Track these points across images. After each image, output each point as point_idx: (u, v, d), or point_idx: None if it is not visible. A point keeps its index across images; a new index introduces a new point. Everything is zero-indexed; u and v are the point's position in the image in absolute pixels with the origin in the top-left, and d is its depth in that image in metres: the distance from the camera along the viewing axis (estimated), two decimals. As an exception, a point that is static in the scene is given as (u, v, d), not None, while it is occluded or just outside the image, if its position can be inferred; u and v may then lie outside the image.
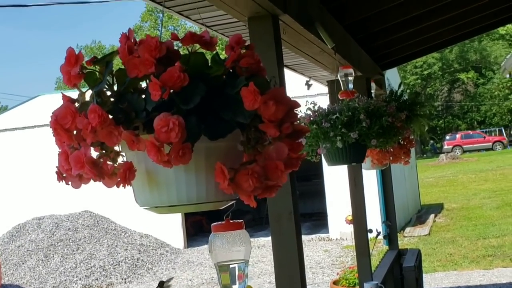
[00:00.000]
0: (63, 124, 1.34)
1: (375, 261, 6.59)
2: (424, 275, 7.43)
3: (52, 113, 1.39)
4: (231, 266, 1.65)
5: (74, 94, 1.48)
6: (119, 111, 1.32)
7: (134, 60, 1.34)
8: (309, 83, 3.78)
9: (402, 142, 4.30)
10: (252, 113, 1.33)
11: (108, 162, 1.38)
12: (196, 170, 1.35)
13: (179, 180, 1.36)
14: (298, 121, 1.44)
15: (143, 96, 1.34)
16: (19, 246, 14.28)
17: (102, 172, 1.35)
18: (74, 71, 1.38)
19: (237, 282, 1.66)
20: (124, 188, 1.36)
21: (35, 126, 15.48)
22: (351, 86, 3.89)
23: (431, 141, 51.22)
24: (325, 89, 6.09)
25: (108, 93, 1.38)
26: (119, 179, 1.34)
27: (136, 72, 1.33)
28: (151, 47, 1.33)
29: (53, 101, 1.39)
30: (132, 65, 1.34)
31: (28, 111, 16.76)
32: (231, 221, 1.65)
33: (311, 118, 3.43)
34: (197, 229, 16.34)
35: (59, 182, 1.45)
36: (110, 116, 1.31)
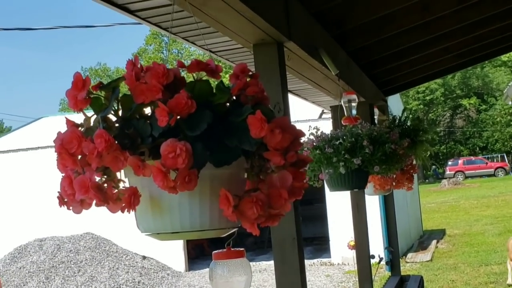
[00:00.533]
0: (69, 148, 1.34)
1: (377, 287, 6.57)
2: (426, 302, 7.38)
3: (56, 137, 1.39)
4: None
5: (77, 117, 1.49)
6: (124, 136, 1.33)
7: (141, 86, 1.35)
8: (324, 112, 3.81)
9: (405, 168, 4.30)
10: (258, 141, 1.34)
11: (113, 188, 1.38)
12: (200, 196, 1.36)
13: (183, 207, 1.36)
14: (301, 148, 1.46)
15: (149, 122, 1.35)
16: (20, 268, 14.24)
17: (106, 197, 1.35)
18: (81, 96, 1.38)
19: None
20: (129, 213, 1.36)
21: (38, 148, 15.52)
22: (354, 112, 3.91)
23: (433, 167, 51.14)
24: (328, 113, 6.13)
25: (113, 118, 1.39)
26: (123, 205, 1.34)
27: (142, 98, 1.34)
28: (158, 74, 1.34)
29: (57, 123, 1.40)
30: (139, 91, 1.35)
31: (32, 133, 16.85)
32: (232, 249, 1.64)
33: (314, 143, 3.45)
34: (198, 252, 16.29)
35: (60, 207, 1.44)
36: (116, 142, 1.32)
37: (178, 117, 1.31)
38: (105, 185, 1.37)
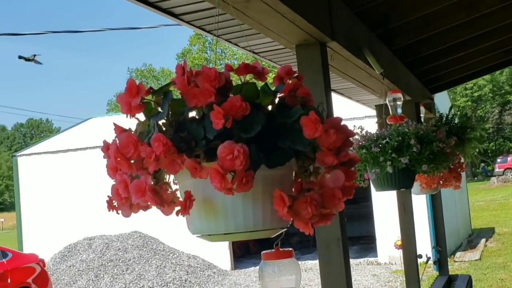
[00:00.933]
0: (125, 153, 1.37)
1: (424, 286, 6.50)
2: (475, 302, 7.27)
3: (104, 144, 1.42)
4: None
5: (123, 119, 1.50)
6: (180, 139, 1.35)
7: (194, 90, 1.37)
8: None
9: (452, 167, 4.24)
10: (311, 141, 1.36)
11: (170, 190, 1.41)
12: (253, 197, 1.37)
13: (236, 208, 1.38)
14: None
15: (201, 125, 1.37)
16: (70, 266, 14.52)
17: (162, 200, 1.37)
18: (135, 102, 1.40)
19: None
20: (183, 216, 1.38)
21: (87, 148, 15.80)
22: (399, 110, 3.87)
23: (482, 164, 50.22)
24: (372, 111, 6.08)
25: (167, 122, 1.41)
26: (178, 208, 1.36)
27: (195, 101, 1.36)
28: (211, 78, 1.36)
29: (105, 123, 1.41)
30: (192, 95, 1.37)
31: (81, 133, 17.14)
32: (280, 249, 1.66)
33: (360, 143, 3.42)
34: (244, 251, 16.35)
35: (109, 211, 1.48)
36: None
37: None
38: (161, 188, 1.39)
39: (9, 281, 10.90)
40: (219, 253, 15.15)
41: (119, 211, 1.46)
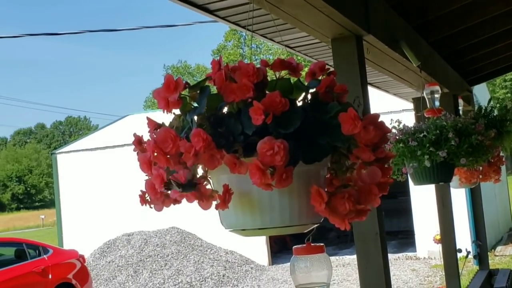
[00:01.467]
0: (163, 147, 1.37)
1: (464, 281, 6.42)
2: (516, 297, 7.16)
3: (135, 136, 1.44)
4: None
5: (155, 115, 1.51)
6: (219, 135, 1.35)
7: (232, 86, 1.37)
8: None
9: (491, 160, 4.18)
10: (349, 137, 1.35)
11: (207, 186, 1.42)
12: (289, 193, 1.37)
13: (272, 203, 1.38)
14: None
15: (239, 120, 1.37)
16: (109, 262, 14.71)
17: (201, 194, 1.39)
18: (173, 97, 1.41)
19: None
20: (222, 210, 1.38)
21: (124, 145, 15.95)
22: (437, 103, 3.82)
23: (523, 157, 49.31)
24: (410, 104, 6.02)
25: (204, 117, 1.41)
26: (218, 202, 1.37)
27: (233, 97, 1.36)
28: (249, 73, 1.36)
29: (142, 120, 1.44)
30: (230, 90, 1.37)
31: (118, 130, 17.34)
32: (312, 244, 1.66)
33: (397, 137, 3.39)
34: (281, 246, 16.35)
35: (142, 205, 1.49)
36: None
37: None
38: (199, 183, 1.40)
39: (50, 276, 11.10)
40: (257, 249, 15.18)
41: (152, 205, 1.47)
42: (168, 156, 1.39)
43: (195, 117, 1.40)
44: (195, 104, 1.45)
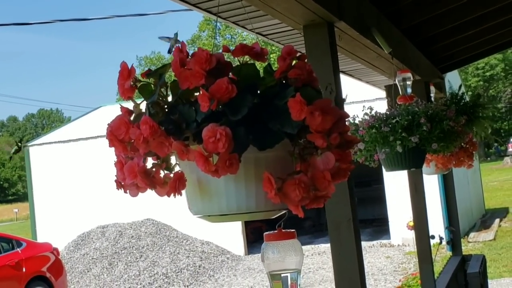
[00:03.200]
0: (118, 135, 1.39)
1: (438, 267, 6.48)
2: (489, 281, 7.26)
3: (107, 124, 1.43)
4: (283, 275, 1.65)
5: (130, 105, 1.52)
6: (170, 122, 1.36)
7: (186, 73, 1.37)
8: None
9: (465, 146, 4.22)
10: (299, 123, 1.34)
11: (163, 172, 1.42)
12: (246, 180, 1.37)
13: (228, 189, 1.38)
14: (350, 131, 1.44)
15: (193, 107, 1.37)
16: (84, 254, 14.63)
17: (153, 181, 1.39)
18: (127, 84, 1.43)
19: None
20: (175, 197, 1.40)
21: (97, 137, 15.84)
22: (409, 90, 3.84)
23: (495, 144, 49.95)
24: (383, 93, 6.04)
25: (162, 104, 1.41)
26: (169, 189, 1.37)
27: (187, 84, 1.37)
28: (201, 60, 1.36)
29: (115, 111, 1.43)
30: (184, 77, 1.37)
31: (91, 122, 17.20)
32: (283, 230, 1.65)
33: (370, 123, 3.40)
34: (257, 236, 16.38)
35: (118, 190, 1.50)
36: (162, 127, 1.35)
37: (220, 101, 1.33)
38: (153, 169, 1.41)
39: (24, 270, 11.00)
40: (233, 239, 15.20)
41: (127, 191, 1.47)
42: (128, 143, 1.40)
43: (149, 105, 1.40)
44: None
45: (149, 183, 1.38)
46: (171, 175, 1.40)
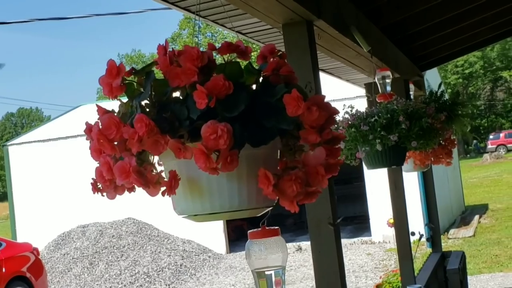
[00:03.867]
0: (107, 134, 1.36)
1: (418, 264, 6.53)
2: (469, 277, 7.33)
3: (86, 126, 1.42)
4: (267, 272, 1.66)
5: (109, 104, 1.50)
6: (163, 120, 1.34)
7: (176, 70, 1.36)
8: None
9: (443, 143, 4.25)
10: (294, 119, 1.35)
11: (155, 171, 1.40)
12: (238, 176, 1.37)
13: (221, 187, 1.37)
14: (335, 126, 1.46)
15: (185, 105, 1.36)
16: (64, 254, 14.53)
17: (147, 181, 1.36)
18: (116, 83, 1.40)
19: None
20: (169, 196, 1.38)
21: (77, 136, 15.73)
22: (389, 88, 3.86)
23: (475, 141, 50.38)
24: (363, 91, 6.06)
25: (150, 103, 1.40)
26: (164, 188, 1.36)
27: (178, 81, 1.35)
28: (193, 57, 1.35)
29: (95, 110, 1.42)
30: (174, 74, 1.36)
31: (71, 121, 17.07)
32: (267, 227, 1.66)
33: (349, 122, 3.42)
34: (238, 234, 16.38)
35: (94, 193, 1.48)
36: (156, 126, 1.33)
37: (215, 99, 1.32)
38: (145, 169, 1.38)
39: (3, 270, 10.89)
40: (214, 237, 15.18)
41: (104, 194, 1.45)
42: (116, 143, 1.37)
43: (140, 103, 1.38)
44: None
45: (143, 182, 1.35)
46: (163, 174, 1.39)
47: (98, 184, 1.44)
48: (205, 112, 1.31)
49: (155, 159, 1.42)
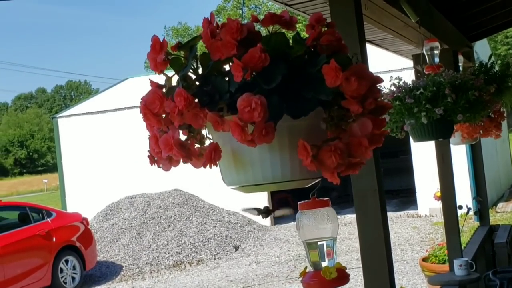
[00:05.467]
0: (152, 108, 1.39)
1: (465, 237, 6.47)
2: (517, 252, 7.22)
3: (141, 98, 1.44)
4: (319, 243, 1.66)
5: (161, 78, 1.53)
6: (203, 93, 1.35)
7: (217, 43, 1.36)
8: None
9: (492, 116, 4.17)
10: (334, 90, 1.33)
11: (196, 144, 1.42)
12: (280, 148, 1.37)
13: (263, 159, 1.38)
14: (381, 97, 1.44)
15: (227, 78, 1.37)
16: (113, 224, 14.82)
17: (189, 153, 1.39)
18: (160, 58, 1.42)
19: (326, 259, 1.67)
20: (211, 168, 1.39)
21: (125, 108, 15.94)
22: (437, 60, 3.80)
23: (525, 114, 49.16)
24: (411, 63, 5.98)
25: (193, 76, 1.41)
26: (205, 160, 1.37)
27: (219, 55, 1.36)
28: (232, 30, 1.35)
29: (142, 83, 1.44)
30: (215, 48, 1.36)
31: (119, 94, 17.30)
32: (317, 199, 1.66)
33: (395, 94, 3.37)
34: (283, 206, 16.43)
35: (151, 165, 1.50)
36: (196, 99, 1.35)
37: (254, 71, 1.32)
38: (188, 141, 1.41)
39: (54, 239, 11.19)
40: (259, 209, 15.26)
41: (160, 165, 1.48)
42: (163, 116, 1.40)
43: (183, 77, 1.40)
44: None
45: (185, 155, 1.38)
46: (206, 146, 1.40)
47: (155, 156, 1.47)
48: (246, 85, 1.32)
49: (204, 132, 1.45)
